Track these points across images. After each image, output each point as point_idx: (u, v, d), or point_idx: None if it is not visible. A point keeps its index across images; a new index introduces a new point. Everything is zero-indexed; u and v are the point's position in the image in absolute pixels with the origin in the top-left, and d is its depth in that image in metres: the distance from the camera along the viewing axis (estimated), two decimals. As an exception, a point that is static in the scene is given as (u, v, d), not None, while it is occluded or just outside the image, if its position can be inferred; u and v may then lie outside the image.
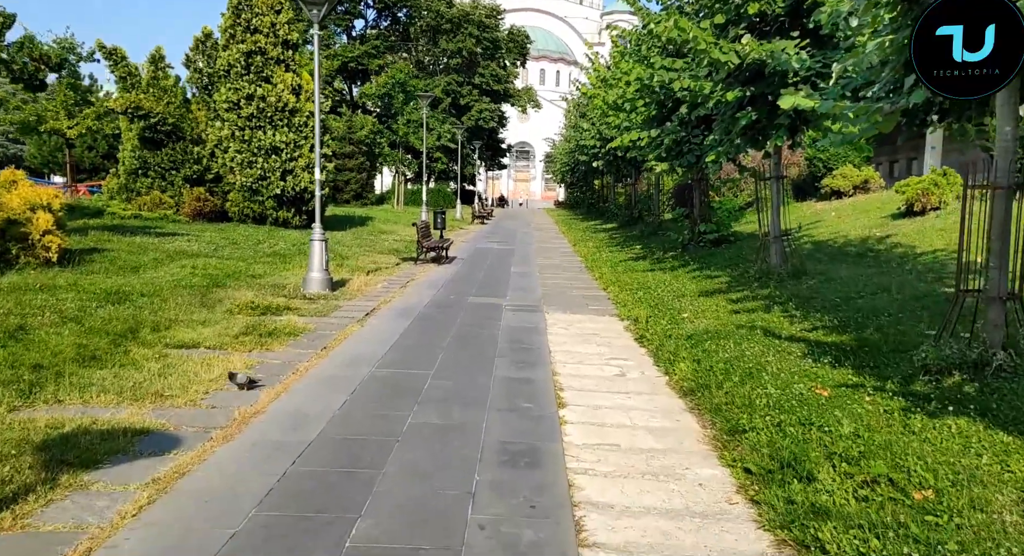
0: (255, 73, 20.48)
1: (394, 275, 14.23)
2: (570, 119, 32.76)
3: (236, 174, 20.61)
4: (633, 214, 25.26)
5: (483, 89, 54.96)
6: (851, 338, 7.26)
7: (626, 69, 14.53)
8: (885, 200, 16.36)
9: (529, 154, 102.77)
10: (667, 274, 13.22)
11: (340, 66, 50.82)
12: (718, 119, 11.34)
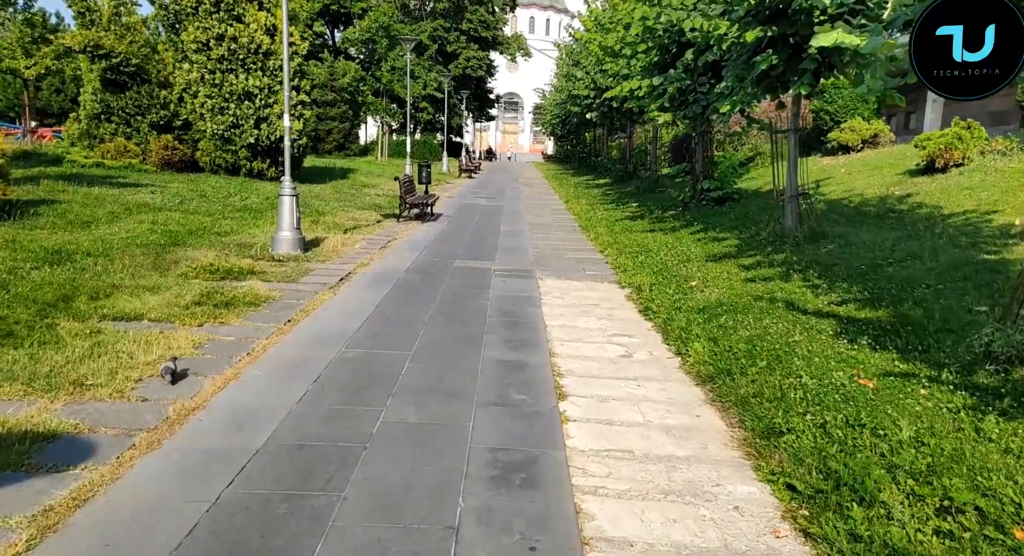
0: (225, 11, 18.96)
1: (374, 234, 13.21)
2: (562, 68, 31.21)
3: (207, 121, 19.26)
4: (628, 169, 24.16)
5: (471, 35, 52.85)
6: (888, 314, 6.39)
7: (628, 9, 13.31)
8: (897, 155, 15.38)
9: (518, 106, 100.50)
10: (668, 235, 12.28)
11: (321, 8, 48.47)
12: (729, 65, 10.24)
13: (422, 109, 50.33)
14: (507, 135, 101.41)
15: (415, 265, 10.18)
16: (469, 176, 32.87)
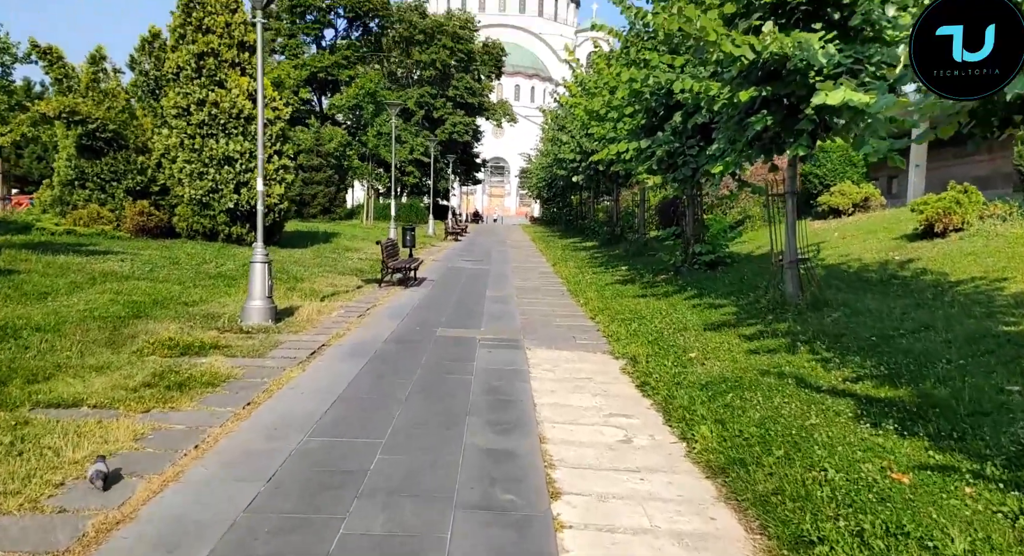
0: (207, 77, 18.81)
1: (353, 301, 12.60)
2: (547, 132, 31.42)
3: (185, 186, 18.84)
4: (615, 232, 23.90)
5: (457, 102, 53.62)
6: (910, 393, 5.82)
7: (614, 73, 13.15)
8: (891, 219, 15.12)
9: (504, 169, 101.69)
10: (662, 301, 11.76)
11: (309, 76, 49.18)
12: (720, 126, 9.94)
13: (408, 173, 50.53)
14: (493, 198, 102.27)
15: (394, 335, 9.56)
16: (455, 239, 32.57)
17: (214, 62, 18.78)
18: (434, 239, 31.57)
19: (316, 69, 48.94)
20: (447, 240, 31.79)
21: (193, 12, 18.62)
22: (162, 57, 19.72)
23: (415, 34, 50.97)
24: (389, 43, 53.70)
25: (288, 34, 50.26)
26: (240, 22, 19.29)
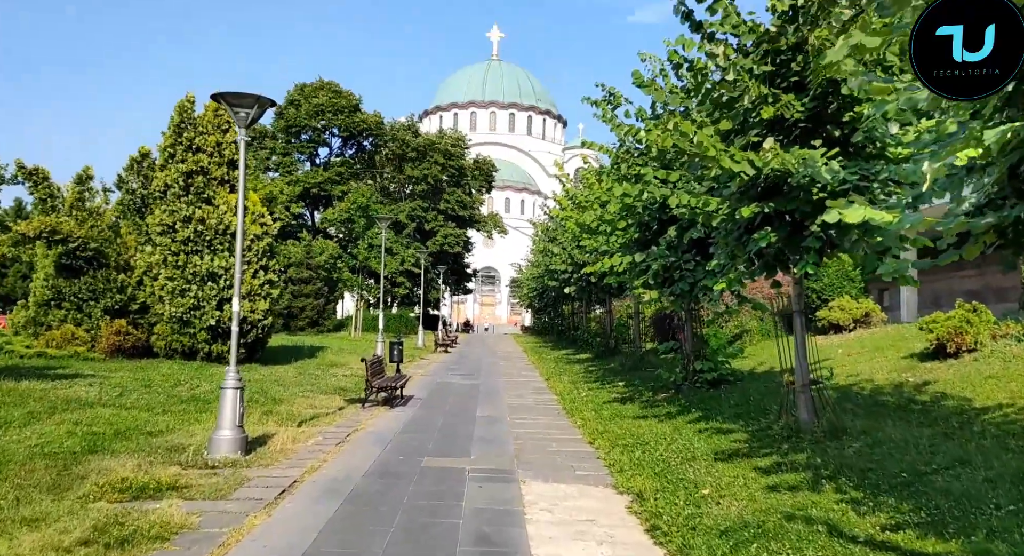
0: (195, 194, 18.73)
1: (333, 425, 11.77)
2: (538, 244, 31.54)
3: (165, 304, 18.30)
4: (609, 344, 23.32)
5: (449, 215, 54.45)
6: (963, 548, 5.06)
7: (605, 187, 13.05)
8: (896, 336, 14.64)
9: (495, 279, 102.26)
10: (664, 424, 11.01)
11: (302, 192, 50.03)
12: (719, 241, 9.59)
13: (399, 284, 50.44)
14: (484, 307, 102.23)
15: (375, 466, 8.72)
16: (445, 351, 31.85)
17: (203, 180, 18.76)
18: (423, 351, 30.84)
19: (309, 185, 49.85)
20: (437, 352, 31.06)
21: (184, 132, 18.79)
22: (150, 176, 19.74)
23: (408, 151, 52.44)
24: (382, 160, 55.15)
25: (283, 152, 51.58)
26: (231, 141, 19.46)
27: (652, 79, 9.56)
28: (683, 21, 8.56)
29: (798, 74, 7.71)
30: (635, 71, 9.29)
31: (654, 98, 9.65)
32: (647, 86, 8.95)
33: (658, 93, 9.13)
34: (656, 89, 9.20)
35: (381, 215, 20.94)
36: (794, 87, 7.79)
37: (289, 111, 50.89)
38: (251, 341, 19.28)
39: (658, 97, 9.18)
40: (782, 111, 7.57)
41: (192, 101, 19.10)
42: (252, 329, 19.14)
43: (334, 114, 50.75)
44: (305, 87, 51.86)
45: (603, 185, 13.24)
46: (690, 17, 8.54)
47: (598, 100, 13.20)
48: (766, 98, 7.61)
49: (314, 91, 51.07)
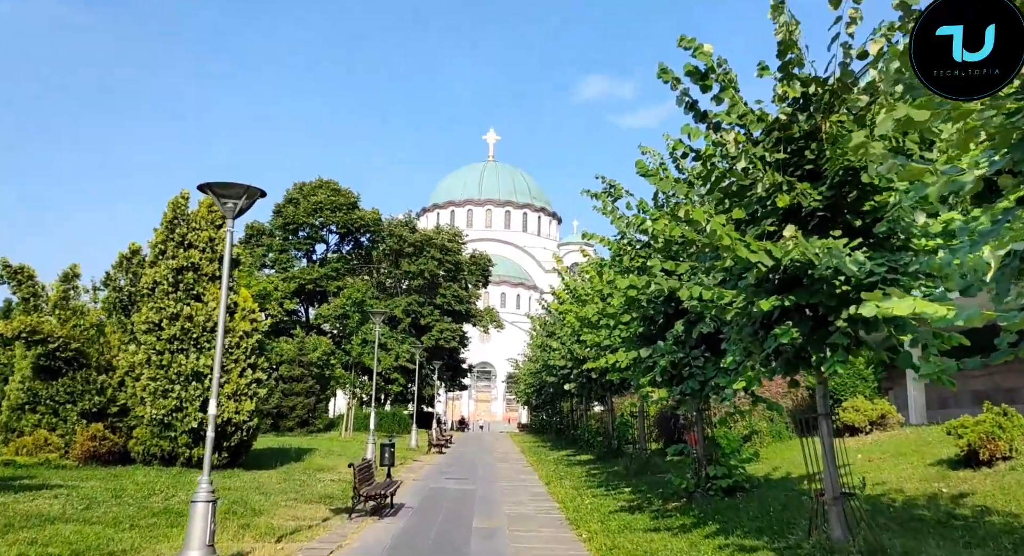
0: (184, 291, 18.22)
1: (315, 540, 10.72)
2: (536, 339, 30.86)
3: (147, 405, 17.41)
4: (612, 445, 22.21)
5: (444, 309, 53.99)
6: None
7: (608, 278, 12.58)
8: (918, 441, 13.79)
9: (491, 374, 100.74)
10: (679, 538, 10.02)
11: (297, 288, 49.70)
12: (732, 337, 9.00)
13: (393, 380, 49.30)
14: (480, 403, 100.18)
15: (361, 597, 7.72)
16: (439, 451, 30.49)
17: (193, 276, 18.30)
18: (417, 452, 29.48)
19: (305, 281, 49.60)
20: (430, 453, 29.70)
21: (176, 228, 18.50)
22: (139, 273, 19.29)
23: (404, 247, 52.58)
24: (379, 255, 55.25)
25: (280, 250, 51.64)
26: (224, 236, 19.12)
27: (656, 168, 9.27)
28: (687, 111, 8.32)
29: (813, 162, 7.37)
30: (639, 161, 9.00)
31: (658, 188, 9.33)
32: (652, 175, 8.62)
33: (663, 182, 8.79)
34: (661, 179, 8.88)
35: (376, 310, 20.37)
36: (809, 175, 7.43)
37: (287, 209, 51.34)
38: (235, 444, 18.24)
39: (663, 186, 8.84)
40: (798, 199, 7.17)
41: (186, 197, 18.92)
42: (236, 431, 18.15)
43: (332, 211, 51.19)
44: (304, 186, 52.57)
45: (604, 278, 12.78)
46: (695, 107, 8.31)
47: (598, 192, 12.96)
48: (780, 186, 7.23)
49: (313, 189, 51.73)
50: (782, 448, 16.77)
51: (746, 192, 7.61)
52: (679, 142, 8.48)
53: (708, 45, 7.92)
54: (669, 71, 8.25)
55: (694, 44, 7.85)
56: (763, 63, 7.87)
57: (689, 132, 8.28)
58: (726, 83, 7.98)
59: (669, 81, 8.26)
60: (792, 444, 17.29)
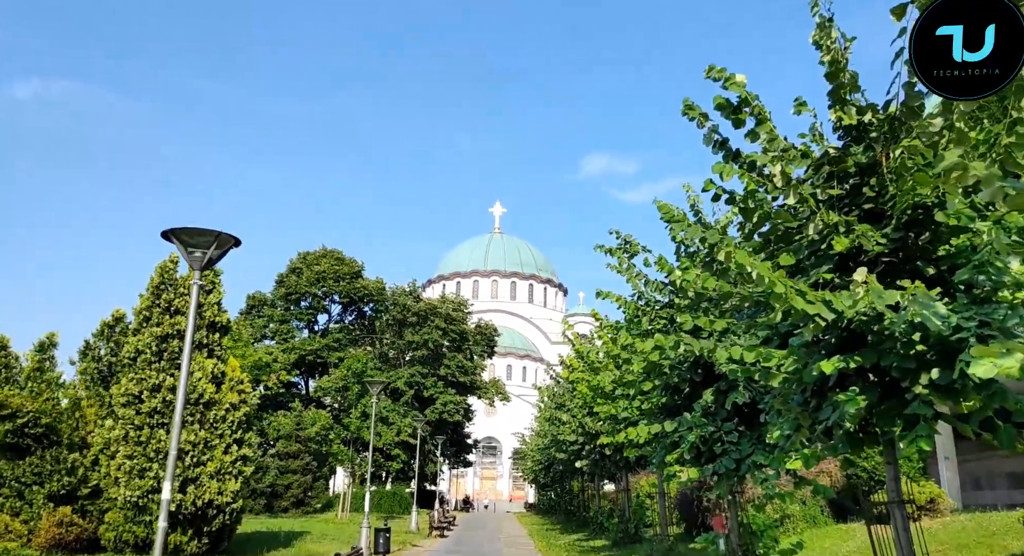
0: (168, 360, 17.05)
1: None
2: (544, 411, 29.26)
3: (121, 486, 15.95)
4: (629, 529, 20.38)
5: (449, 381, 52.37)
6: None
7: (624, 343, 11.40)
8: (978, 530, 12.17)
9: (496, 450, 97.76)
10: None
11: (297, 360, 48.41)
12: (776, 407, 7.72)
13: (394, 457, 47.27)
14: (485, 481, 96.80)
15: None
16: (441, 534, 28.44)
17: (179, 344, 17.16)
18: (417, 536, 27.46)
19: (305, 352, 48.35)
20: (431, 536, 27.67)
21: (163, 294, 17.49)
22: (121, 342, 18.16)
23: (408, 316, 51.50)
24: (382, 325, 54.14)
25: (281, 320, 50.64)
26: (214, 302, 18.12)
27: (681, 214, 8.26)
28: (716, 150, 7.34)
29: (873, 200, 6.30)
30: (661, 204, 7.99)
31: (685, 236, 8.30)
32: (678, 221, 7.59)
33: (691, 229, 7.69)
34: (688, 225, 7.84)
35: (374, 379, 19.06)
36: (868, 215, 6.35)
37: (290, 278, 50.63)
38: (216, 529, 16.64)
39: (691, 234, 7.73)
40: (859, 242, 6.06)
41: (175, 262, 18.02)
42: (218, 514, 16.59)
43: (335, 281, 50.44)
44: (308, 255, 52.04)
45: (619, 342, 11.60)
46: (725, 145, 7.33)
47: (612, 248, 11.94)
48: (836, 227, 6.14)
49: (316, 258, 51.16)
50: (819, 536, 15.10)
51: (794, 235, 6.52)
52: (710, 182, 7.46)
53: (741, 75, 7.01)
54: (695, 107, 7.33)
55: (724, 74, 6.93)
56: (800, 99, 6.96)
57: (721, 171, 7.23)
58: (762, 117, 7.01)
59: (695, 118, 7.32)
60: (829, 531, 15.63)
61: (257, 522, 28.31)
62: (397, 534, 27.40)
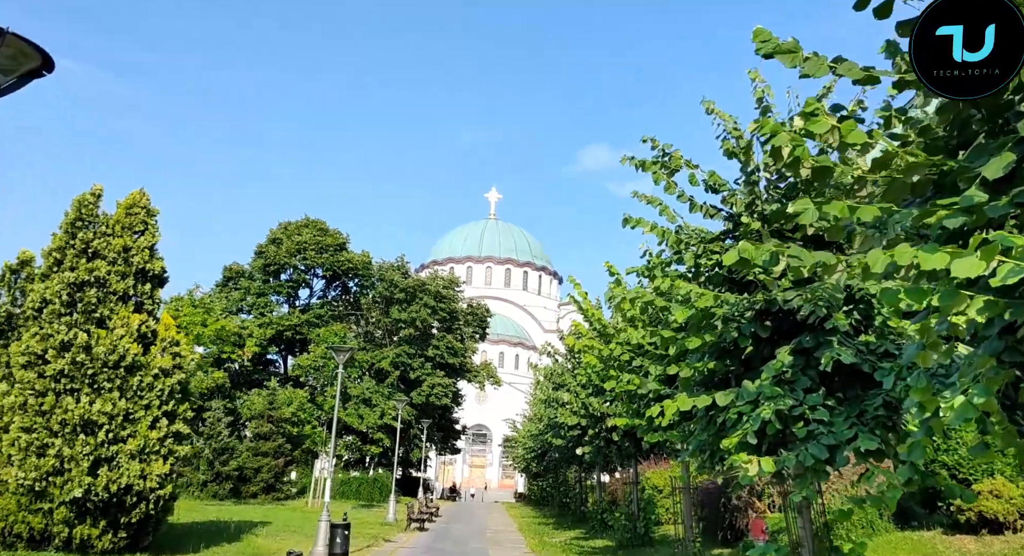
0: (83, 313, 13.88)
1: None
2: (541, 391, 26.14)
3: (14, 466, 12.82)
4: (637, 529, 17.35)
5: (437, 362, 49.22)
6: None
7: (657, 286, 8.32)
8: None
9: (486, 438, 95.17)
10: None
11: (275, 335, 45.21)
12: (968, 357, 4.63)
13: (376, 440, 44.22)
14: (475, 469, 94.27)
15: None
16: (420, 527, 25.36)
17: (96, 294, 14.00)
18: (393, 529, 24.38)
19: (283, 327, 45.11)
20: (409, 530, 24.60)
21: (79, 233, 14.28)
22: (27, 290, 14.97)
23: (395, 293, 48.25)
24: (368, 303, 50.96)
25: (259, 293, 47.31)
26: (146, 246, 14.93)
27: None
28: None
29: None
30: (761, 29, 4.86)
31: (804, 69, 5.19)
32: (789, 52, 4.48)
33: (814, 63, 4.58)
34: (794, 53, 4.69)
35: (341, 346, 15.94)
36: None
37: (269, 249, 47.31)
38: (136, 521, 13.57)
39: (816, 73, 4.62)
40: None
41: (98, 195, 14.80)
42: (139, 503, 13.51)
43: (318, 252, 47.13)
44: (289, 225, 48.71)
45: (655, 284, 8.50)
46: None
47: (645, 161, 8.83)
48: None
49: (298, 228, 47.84)
50: (883, 547, 12.11)
51: None
52: None
53: None
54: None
55: None
56: None
57: None
58: None
59: None
60: (892, 539, 12.65)
61: (211, 510, 25.27)
62: (370, 526, 24.37)
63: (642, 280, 12.94)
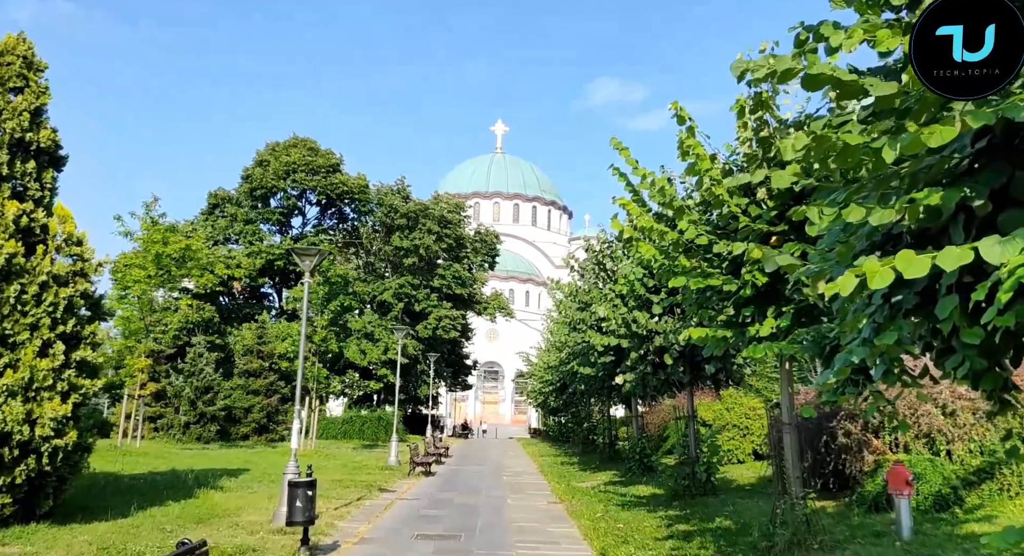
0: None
1: None
2: (563, 312, 22.21)
3: None
4: (697, 476, 13.62)
5: (444, 293, 45.59)
6: None
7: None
8: None
9: (498, 374, 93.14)
10: None
11: (264, 265, 41.47)
12: None
13: (380, 377, 40.99)
14: (487, 405, 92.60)
15: None
16: (426, 471, 21.98)
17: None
18: (393, 475, 20.96)
19: (273, 256, 41.33)
20: (413, 475, 21.22)
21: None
22: None
23: (396, 218, 44.19)
24: (368, 232, 47.03)
25: (246, 219, 43.34)
26: (27, 108, 10.85)
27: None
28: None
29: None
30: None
31: None
32: None
33: None
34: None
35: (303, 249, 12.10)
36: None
37: (255, 172, 43.12)
38: (23, 481, 9.93)
39: None
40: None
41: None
42: (28, 456, 9.85)
43: (308, 174, 42.90)
44: (277, 146, 44.35)
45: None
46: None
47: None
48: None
49: (286, 149, 43.50)
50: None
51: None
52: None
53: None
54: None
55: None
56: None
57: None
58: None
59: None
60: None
61: (186, 456, 21.98)
62: (367, 472, 20.98)
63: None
